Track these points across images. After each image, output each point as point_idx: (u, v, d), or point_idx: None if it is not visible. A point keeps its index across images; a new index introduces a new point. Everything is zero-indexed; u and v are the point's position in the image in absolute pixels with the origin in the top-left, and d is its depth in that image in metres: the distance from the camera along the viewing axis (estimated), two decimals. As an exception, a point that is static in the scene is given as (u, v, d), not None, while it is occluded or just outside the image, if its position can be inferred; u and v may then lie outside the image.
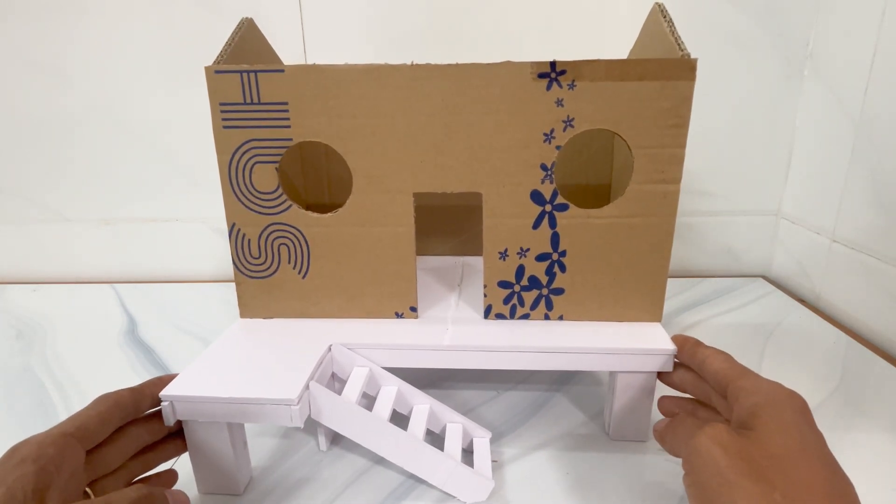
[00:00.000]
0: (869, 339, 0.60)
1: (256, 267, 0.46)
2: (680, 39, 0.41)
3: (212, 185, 0.78)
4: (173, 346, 0.61)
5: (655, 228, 0.43)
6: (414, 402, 0.43)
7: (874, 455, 0.42)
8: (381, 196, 0.44)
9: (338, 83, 0.41)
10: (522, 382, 0.52)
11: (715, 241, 0.78)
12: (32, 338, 0.64)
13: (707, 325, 0.63)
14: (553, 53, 0.39)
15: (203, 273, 0.83)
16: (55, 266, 0.84)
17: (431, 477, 0.38)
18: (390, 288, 0.46)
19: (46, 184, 0.79)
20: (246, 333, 0.45)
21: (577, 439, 0.44)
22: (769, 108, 0.72)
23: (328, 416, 0.38)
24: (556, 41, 0.70)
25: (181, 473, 0.40)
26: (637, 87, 0.40)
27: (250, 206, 0.45)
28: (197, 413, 0.36)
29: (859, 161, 0.61)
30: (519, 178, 0.42)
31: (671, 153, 0.41)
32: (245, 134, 0.43)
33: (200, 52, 0.72)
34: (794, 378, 0.52)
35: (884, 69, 0.58)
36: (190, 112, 0.75)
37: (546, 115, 0.41)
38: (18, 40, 0.73)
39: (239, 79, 0.41)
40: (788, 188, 0.75)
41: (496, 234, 0.44)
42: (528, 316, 0.46)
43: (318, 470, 0.41)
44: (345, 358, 0.43)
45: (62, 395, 0.52)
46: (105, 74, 0.73)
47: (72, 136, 0.77)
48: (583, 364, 0.42)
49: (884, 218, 0.58)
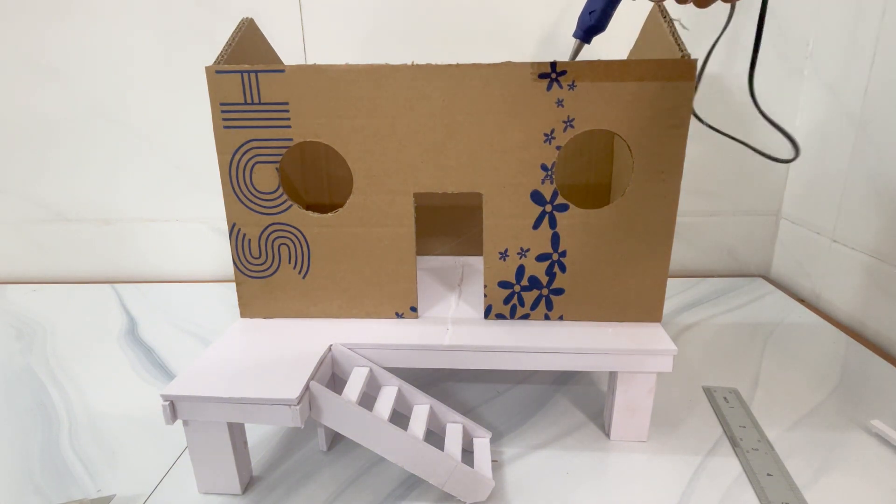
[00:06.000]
0: (869, 339, 0.60)
1: (257, 267, 0.46)
2: (680, 40, 0.41)
3: (212, 185, 0.78)
4: (173, 346, 0.61)
5: (655, 228, 0.43)
6: (414, 401, 0.43)
7: (874, 455, 0.42)
8: (382, 196, 0.44)
9: (338, 83, 0.41)
10: (522, 382, 0.52)
11: (715, 241, 0.78)
12: (32, 338, 0.64)
13: (707, 325, 0.63)
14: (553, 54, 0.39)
15: (203, 273, 0.83)
16: (55, 266, 0.84)
17: (431, 477, 0.38)
18: (390, 288, 0.46)
19: (46, 184, 0.79)
20: (246, 333, 0.45)
21: (577, 439, 0.44)
22: (769, 108, 0.72)
23: (328, 416, 0.38)
24: (556, 41, 0.70)
25: (181, 473, 0.40)
26: (637, 87, 0.40)
27: (251, 206, 0.45)
28: (197, 413, 0.36)
29: (859, 161, 0.61)
30: (519, 178, 0.42)
31: (671, 153, 0.41)
32: (245, 134, 0.43)
33: (200, 52, 0.72)
34: (794, 378, 0.52)
35: (884, 69, 0.58)
36: (190, 112, 0.75)
37: (546, 115, 0.41)
38: (19, 40, 0.73)
39: (239, 79, 0.41)
40: (788, 188, 0.75)
41: (496, 235, 0.44)
42: (528, 316, 0.46)
43: (318, 470, 0.41)
44: (345, 358, 0.43)
45: (62, 395, 0.52)
46: (105, 74, 0.73)
47: (72, 136, 0.77)
48: (583, 364, 0.42)
49: (884, 218, 0.58)
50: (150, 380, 0.54)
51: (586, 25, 0.37)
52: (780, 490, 0.38)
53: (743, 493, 0.38)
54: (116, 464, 0.43)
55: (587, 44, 0.38)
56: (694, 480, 0.40)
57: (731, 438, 0.44)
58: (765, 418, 0.46)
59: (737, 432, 0.44)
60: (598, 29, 0.37)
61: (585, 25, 0.38)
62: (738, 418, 0.46)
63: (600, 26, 0.37)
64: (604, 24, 0.37)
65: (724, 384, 0.51)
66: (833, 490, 0.38)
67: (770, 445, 0.42)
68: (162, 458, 0.43)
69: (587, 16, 0.37)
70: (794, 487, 0.38)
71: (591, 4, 0.37)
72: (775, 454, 0.42)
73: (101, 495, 0.39)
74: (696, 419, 0.46)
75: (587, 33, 0.38)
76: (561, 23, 0.69)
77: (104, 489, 0.40)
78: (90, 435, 0.46)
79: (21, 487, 0.40)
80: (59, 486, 0.40)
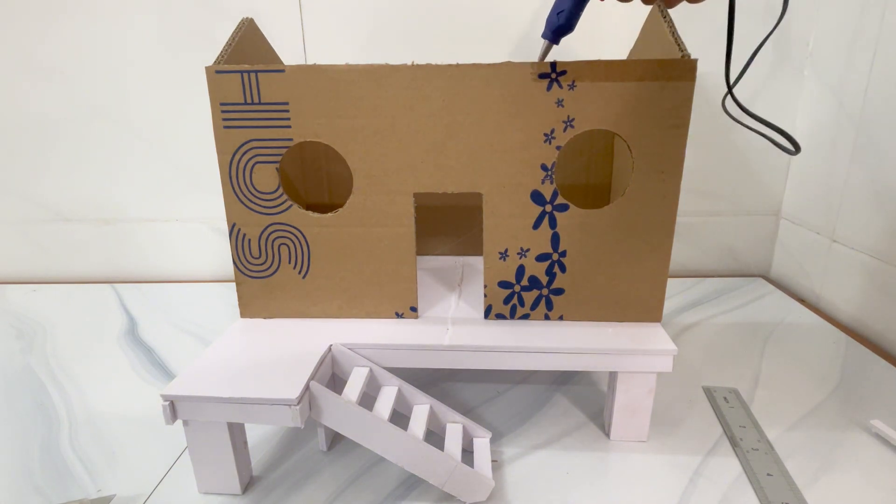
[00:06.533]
0: (869, 339, 0.60)
1: (257, 267, 0.46)
2: (680, 40, 0.41)
3: (212, 185, 0.78)
4: (173, 346, 0.61)
5: (655, 228, 0.43)
6: (414, 401, 0.43)
7: (874, 455, 0.42)
8: (382, 196, 0.44)
9: (338, 83, 0.41)
10: (522, 382, 0.52)
11: (715, 241, 0.78)
12: (32, 338, 0.64)
13: (707, 324, 0.63)
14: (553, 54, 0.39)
15: (203, 273, 0.83)
16: (55, 266, 0.84)
17: (431, 477, 0.38)
18: (390, 288, 0.46)
19: (46, 184, 0.79)
20: (246, 333, 0.45)
21: (577, 439, 0.44)
22: (769, 107, 0.72)
23: (328, 416, 0.38)
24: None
25: (181, 473, 0.40)
26: (637, 87, 0.40)
27: (251, 206, 0.45)
28: (197, 413, 0.36)
29: (859, 161, 0.61)
30: (519, 178, 0.42)
31: (671, 153, 0.41)
32: (245, 134, 0.43)
33: (200, 52, 0.72)
34: (794, 378, 0.52)
35: (884, 69, 0.58)
36: (190, 112, 0.75)
37: (546, 115, 0.41)
38: (19, 40, 0.73)
39: (239, 79, 0.41)
40: (788, 188, 0.75)
41: (496, 235, 0.44)
42: (528, 316, 0.46)
43: (318, 470, 0.41)
44: (345, 358, 0.43)
45: (62, 395, 0.52)
46: (105, 74, 0.73)
47: (72, 136, 0.77)
48: (583, 364, 0.42)
49: (884, 218, 0.58)
50: (150, 380, 0.54)
51: (554, 26, 0.37)
52: (780, 490, 0.38)
53: (743, 493, 0.38)
54: (116, 464, 0.43)
55: (555, 44, 0.38)
56: (694, 480, 0.40)
57: (731, 438, 0.44)
58: (765, 418, 0.46)
59: (737, 432, 0.44)
60: (566, 29, 0.37)
61: (553, 26, 0.37)
62: (738, 418, 0.46)
63: (569, 26, 0.37)
64: (572, 25, 0.37)
65: (724, 384, 0.51)
66: (833, 490, 0.38)
67: (770, 445, 0.42)
68: (162, 458, 0.43)
69: (555, 16, 0.37)
70: (794, 487, 0.38)
71: (560, 5, 0.37)
72: (775, 454, 0.42)
73: (101, 495, 0.39)
74: (696, 419, 0.46)
75: (556, 34, 0.38)
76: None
77: (104, 489, 0.40)
78: (90, 435, 0.46)
79: (21, 487, 0.40)
80: (59, 486, 0.40)
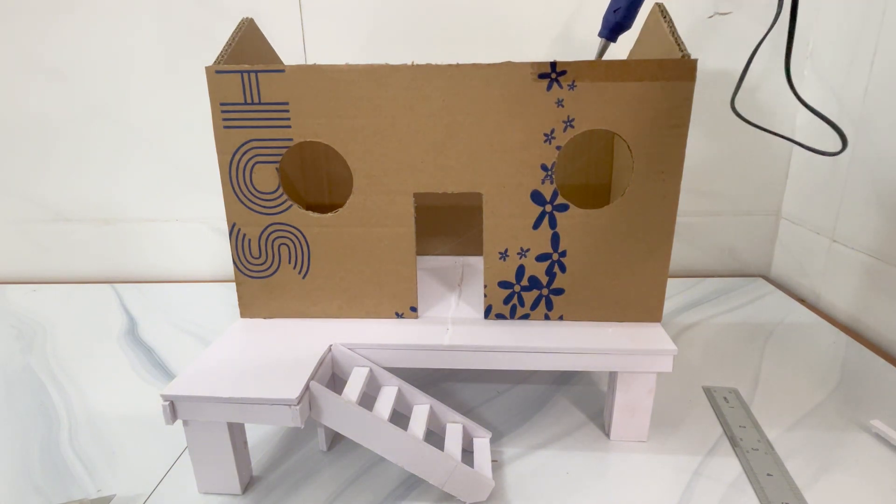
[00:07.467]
0: (869, 339, 0.60)
1: (257, 267, 0.46)
2: (680, 40, 0.41)
3: (212, 185, 0.78)
4: (173, 346, 0.61)
5: (655, 228, 0.43)
6: (414, 401, 0.43)
7: (874, 455, 0.42)
8: (382, 196, 0.44)
9: (338, 83, 0.41)
10: (522, 382, 0.52)
11: (715, 241, 0.78)
12: (32, 338, 0.64)
13: (707, 325, 0.63)
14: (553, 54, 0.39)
15: (203, 273, 0.83)
16: (55, 266, 0.84)
17: (431, 477, 0.38)
18: (390, 288, 0.46)
19: (46, 184, 0.79)
20: (246, 333, 0.45)
21: (577, 439, 0.44)
22: (769, 107, 0.72)
23: (328, 416, 0.38)
24: (557, 41, 0.70)
25: (181, 473, 0.40)
26: (637, 87, 0.39)
27: (251, 206, 0.45)
28: (197, 413, 0.36)
29: (859, 161, 0.61)
30: (519, 178, 0.42)
31: (671, 153, 0.41)
32: (245, 134, 0.43)
33: (200, 52, 0.72)
34: (794, 378, 0.52)
35: (884, 69, 0.58)
36: (190, 112, 0.75)
37: (546, 115, 0.41)
38: (19, 40, 0.73)
39: (239, 79, 0.41)
40: (788, 188, 0.75)
41: (496, 235, 0.44)
42: (528, 316, 0.46)
43: (318, 470, 0.41)
44: (345, 358, 0.43)
45: (62, 395, 0.52)
46: (105, 74, 0.74)
47: (72, 136, 0.77)
48: (583, 364, 0.42)
49: (884, 218, 0.58)
50: (150, 380, 0.54)
51: (611, 24, 0.37)
52: (780, 490, 0.38)
53: (743, 493, 0.38)
54: (116, 464, 0.43)
55: (613, 42, 0.38)
56: (694, 480, 0.40)
57: (731, 438, 0.44)
58: (765, 418, 0.46)
59: (737, 432, 0.44)
60: (623, 27, 0.37)
61: (611, 24, 0.37)
62: (738, 418, 0.46)
63: (626, 24, 0.37)
64: (629, 22, 0.37)
65: (724, 384, 0.51)
66: (833, 490, 0.38)
67: (770, 445, 0.42)
68: (162, 458, 0.43)
69: (612, 14, 0.37)
70: (793, 487, 0.38)
71: (616, 3, 0.37)
72: (775, 454, 0.42)
73: (101, 495, 0.39)
74: (696, 419, 0.46)
75: (613, 32, 0.37)
76: (561, 23, 0.69)
77: (104, 489, 0.40)
78: (90, 435, 0.46)
79: (21, 487, 0.40)
80: (59, 486, 0.40)
